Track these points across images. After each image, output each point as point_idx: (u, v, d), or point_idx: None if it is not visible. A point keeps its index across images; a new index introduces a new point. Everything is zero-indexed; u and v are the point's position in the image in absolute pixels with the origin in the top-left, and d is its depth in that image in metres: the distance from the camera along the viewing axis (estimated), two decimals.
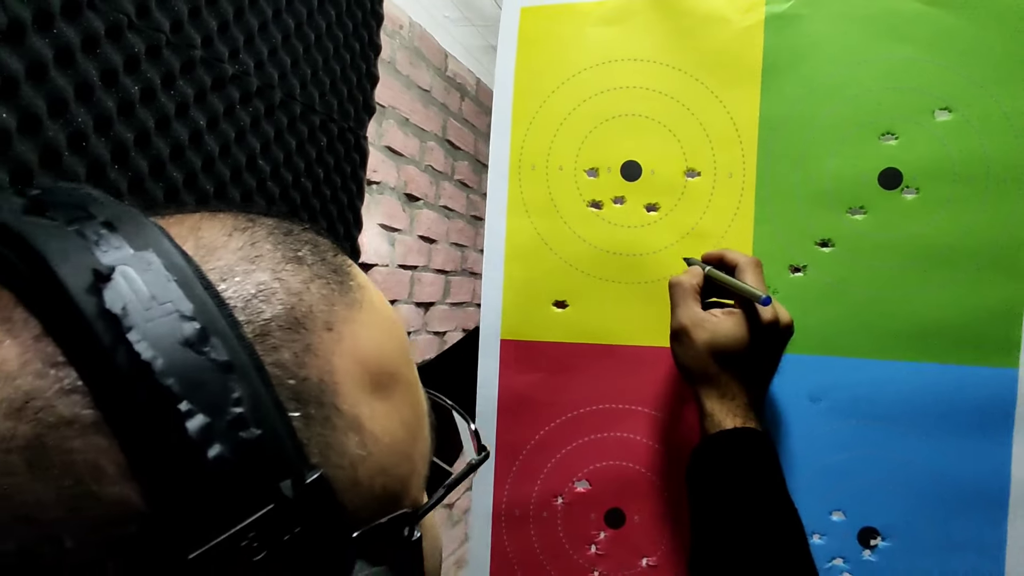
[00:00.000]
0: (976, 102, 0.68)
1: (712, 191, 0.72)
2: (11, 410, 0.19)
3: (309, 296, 0.25)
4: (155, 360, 0.20)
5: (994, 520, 0.67)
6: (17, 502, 0.19)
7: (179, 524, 0.20)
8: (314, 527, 0.22)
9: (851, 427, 0.69)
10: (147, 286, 0.21)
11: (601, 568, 0.71)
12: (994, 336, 0.67)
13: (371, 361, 0.26)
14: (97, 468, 0.20)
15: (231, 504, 0.20)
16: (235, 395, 0.21)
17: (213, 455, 0.20)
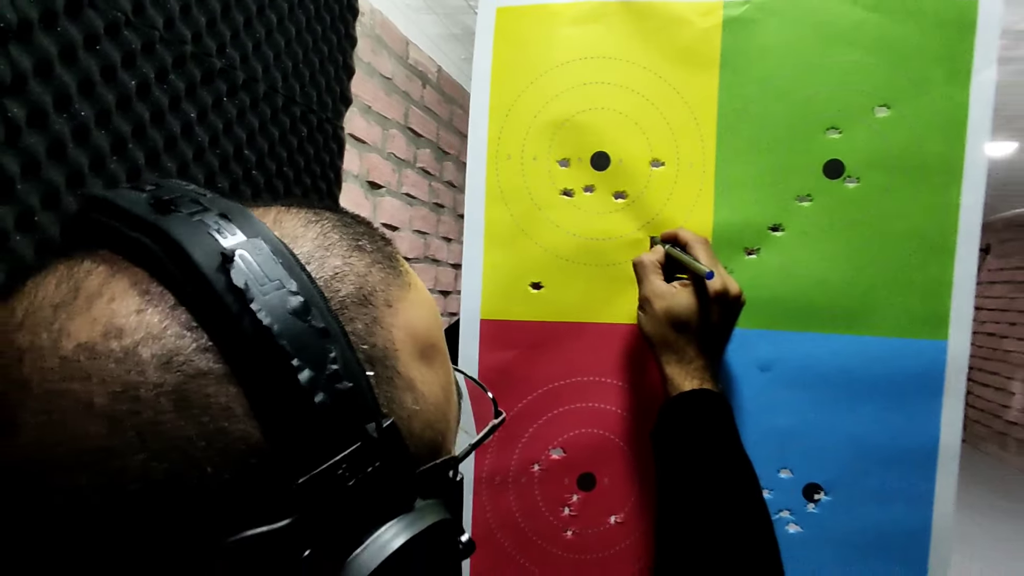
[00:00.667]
0: (912, 100, 0.75)
1: (675, 180, 0.79)
2: (160, 364, 0.24)
3: (372, 278, 0.30)
4: (272, 326, 0.24)
5: (924, 475, 0.75)
6: (168, 436, 0.23)
7: (290, 456, 0.25)
8: (388, 463, 0.26)
9: (797, 394, 0.76)
10: (260, 266, 0.25)
11: (574, 527, 0.78)
12: (926, 312, 0.75)
13: (419, 334, 0.31)
14: (228, 410, 0.24)
15: (330, 441, 0.25)
16: (331, 355, 0.25)
17: (318, 401, 0.24)
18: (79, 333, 0.24)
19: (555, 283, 0.80)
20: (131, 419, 0.23)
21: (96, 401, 0.23)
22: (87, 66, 0.65)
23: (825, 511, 0.76)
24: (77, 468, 0.23)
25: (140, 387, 0.24)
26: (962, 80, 0.74)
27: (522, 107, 0.81)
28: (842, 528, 0.76)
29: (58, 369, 0.24)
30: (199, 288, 0.25)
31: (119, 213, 0.27)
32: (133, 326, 0.24)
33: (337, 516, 0.25)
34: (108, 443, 0.23)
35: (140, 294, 0.25)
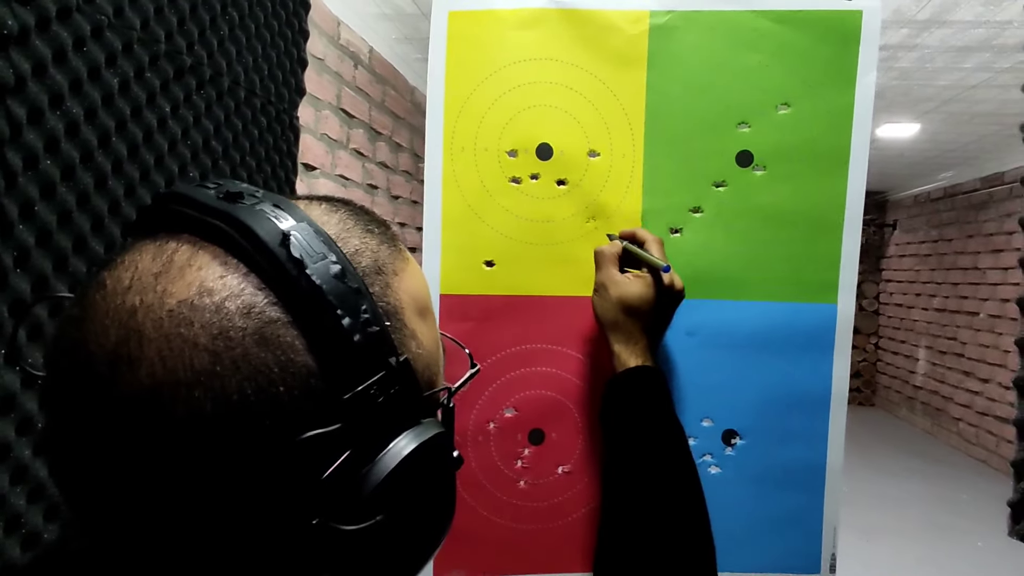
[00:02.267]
0: (807, 100, 0.88)
1: (609, 168, 0.89)
2: (242, 313, 0.32)
3: (382, 254, 0.39)
4: (323, 286, 0.33)
5: (819, 418, 0.89)
6: (254, 364, 0.32)
7: (338, 379, 0.33)
8: (404, 388, 0.35)
9: (717, 354, 0.89)
10: (308, 243, 0.34)
11: (526, 478, 0.88)
12: (819, 280, 0.88)
13: (417, 297, 0.41)
14: (293, 347, 0.32)
15: (365, 369, 0.33)
16: (363, 307, 0.34)
17: (356, 340, 0.33)
18: (179, 293, 0.32)
19: (506, 261, 0.90)
20: (227, 352, 0.31)
21: (200, 340, 0.31)
22: (76, 66, 0.71)
23: (741, 453, 0.89)
24: (194, 385, 0.31)
25: (230, 329, 0.32)
26: (848, 83, 0.86)
27: (474, 104, 0.90)
28: (755, 467, 0.89)
29: (166, 319, 0.32)
30: (267, 258, 0.33)
31: (195, 204, 0.35)
32: (219, 287, 0.32)
33: (369, 426, 0.34)
34: (213, 368, 0.31)
35: (221, 264, 0.33)
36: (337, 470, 0.32)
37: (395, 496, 0.34)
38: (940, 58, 3.61)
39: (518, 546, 0.88)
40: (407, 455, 0.34)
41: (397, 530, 0.35)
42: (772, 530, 0.88)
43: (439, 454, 0.37)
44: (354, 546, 0.34)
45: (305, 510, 0.32)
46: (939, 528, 4.05)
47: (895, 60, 3.68)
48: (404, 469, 0.34)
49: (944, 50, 3.49)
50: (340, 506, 0.33)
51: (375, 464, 0.34)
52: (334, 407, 0.32)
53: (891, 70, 3.83)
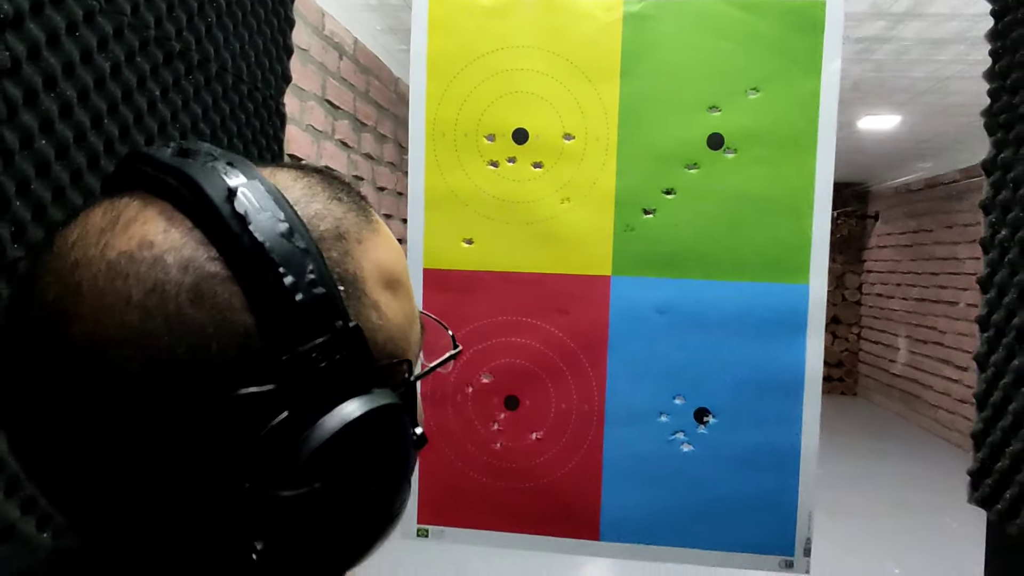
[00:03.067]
0: (776, 85, 0.91)
1: (584, 152, 0.93)
2: (180, 267, 0.31)
3: (347, 221, 0.37)
4: (265, 243, 0.32)
5: (793, 400, 0.93)
6: (186, 322, 0.31)
7: (276, 340, 0.31)
8: (352, 355, 0.33)
9: (689, 332, 0.92)
10: (256, 200, 0.33)
11: (501, 440, 0.92)
12: (790, 261, 0.92)
13: (385, 268, 0.38)
14: (231, 304, 0.31)
15: (306, 330, 0.32)
16: (309, 268, 0.32)
17: (298, 299, 0.32)
18: (119, 246, 0.32)
19: (484, 239, 0.93)
20: (159, 308, 0.31)
21: (133, 296, 0.31)
22: (69, 50, 0.73)
23: (713, 431, 0.93)
24: (124, 344, 0.30)
25: (166, 283, 0.31)
26: (814, 69, 0.90)
27: (454, 91, 0.93)
28: (727, 445, 0.93)
29: (103, 273, 0.31)
30: (210, 214, 0.32)
31: (151, 162, 0.35)
32: (160, 240, 0.32)
33: (310, 389, 0.32)
34: (143, 326, 0.30)
35: (166, 219, 0.33)
36: (272, 432, 0.31)
37: (336, 464, 0.33)
38: (916, 50, 3.67)
39: (493, 503, 0.92)
40: (351, 422, 0.33)
41: (340, 502, 0.34)
42: (745, 510, 0.92)
43: (391, 426, 0.35)
44: (290, 514, 0.32)
45: (238, 472, 0.31)
46: (910, 506, 4.13)
47: (871, 52, 3.73)
48: (347, 436, 0.33)
49: (920, 42, 3.55)
50: (275, 470, 0.31)
51: (314, 429, 0.32)
52: (271, 368, 0.31)
53: (867, 62, 3.89)
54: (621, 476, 0.90)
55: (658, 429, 0.92)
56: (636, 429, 0.91)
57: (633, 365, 0.92)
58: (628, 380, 0.92)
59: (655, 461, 0.90)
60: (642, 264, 0.92)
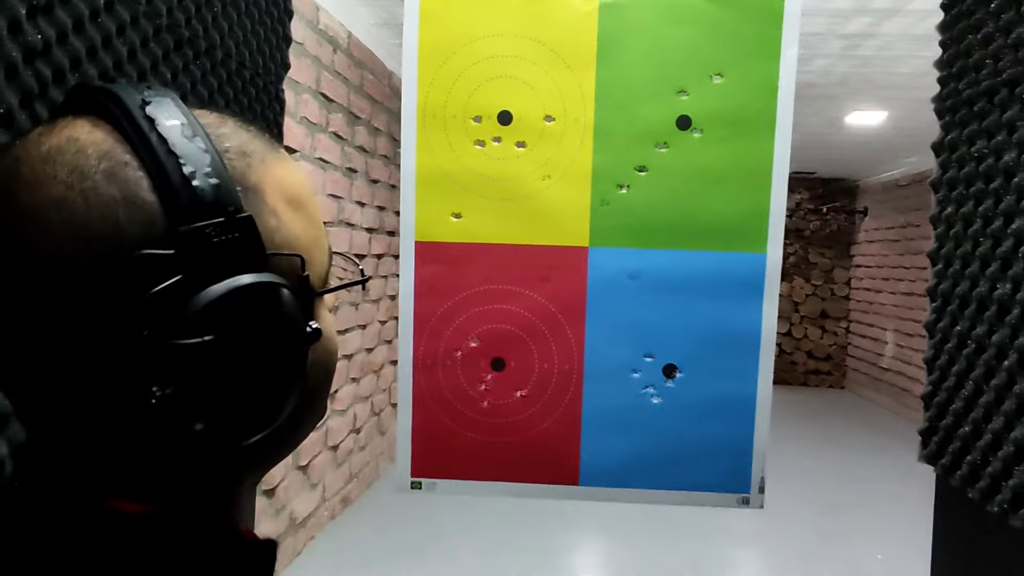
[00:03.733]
0: (738, 70, 0.99)
1: (563, 132, 1.01)
2: (98, 156, 0.37)
3: (252, 144, 0.43)
4: (169, 138, 0.38)
5: (750, 356, 1.01)
6: (101, 195, 0.36)
7: (176, 215, 0.37)
8: (245, 239, 0.38)
9: (658, 296, 1.01)
10: (166, 111, 0.39)
11: (489, 399, 1.00)
12: (750, 231, 1.00)
13: (287, 187, 0.44)
14: (139, 184, 0.37)
15: (203, 211, 0.37)
16: (207, 162, 0.38)
17: (195, 184, 0.37)
18: (51, 141, 0.38)
19: (471, 213, 1.01)
20: (79, 183, 0.37)
21: (59, 174, 0.37)
22: (92, 35, 0.81)
23: (680, 385, 1.01)
24: (48, 210, 0.36)
25: (85, 167, 0.37)
26: (773, 56, 0.98)
27: (443, 77, 1.01)
28: (692, 398, 1.01)
29: (37, 160, 0.38)
30: (127, 117, 0.38)
31: (87, 89, 0.41)
32: (84, 138, 0.38)
33: (203, 259, 0.37)
34: (65, 196, 0.36)
35: (92, 124, 0.39)
36: (168, 290, 0.36)
37: (224, 322, 0.38)
38: (901, 46, 3.76)
39: (482, 456, 1.00)
40: (238, 288, 0.38)
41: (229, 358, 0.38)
42: (708, 454, 1.01)
43: (275, 300, 0.40)
44: (183, 360, 0.37)
45: (138, 323, 0.36)
46: (900, 500, 4.22)
47: (857, 48, 3.82)
48: (234, 298, 0.38)
49: (904, 38, 3.64)
50: (170, 322, 0.36)
51: (206, 290, 0.37)
52: (170, 237, 0.37)
53: (854, 58, 3.98)
54: (598, 428, 0.99)
55: (631, 384, 1.00)
56: (611, 385, 0.99)
57: (608, 328, 1.00)
58: (604, 341, 1.00)
59: (628, 413, 0.99)
60: (617, 236, 1.00)
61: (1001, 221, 0.94)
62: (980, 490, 0.97)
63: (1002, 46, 0.95)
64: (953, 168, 1.05)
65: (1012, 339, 0.91)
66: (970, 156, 1.01)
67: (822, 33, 3.67)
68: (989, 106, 0.98)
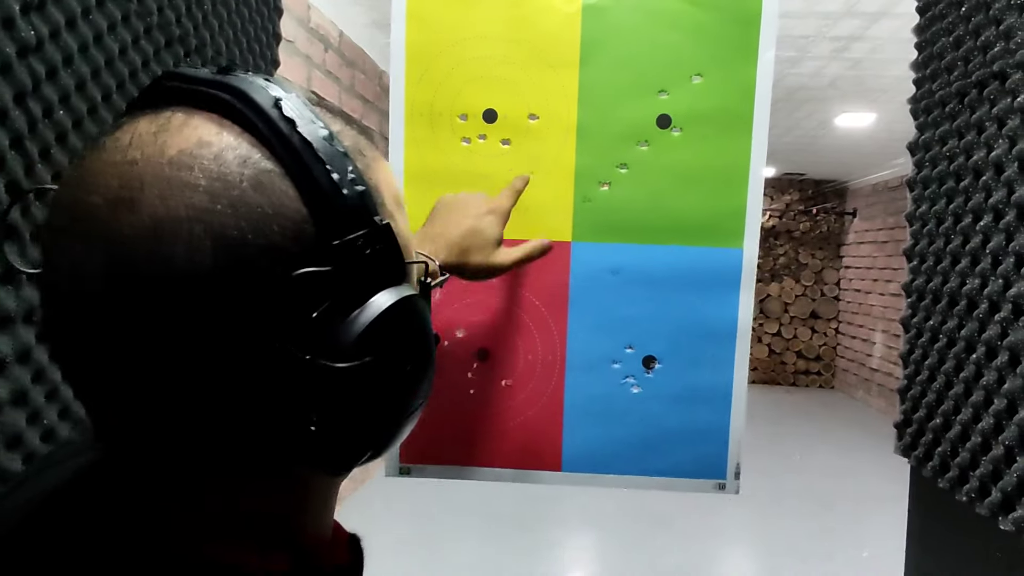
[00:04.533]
0: (716, 71, 1.02)
1: (547, 130, 1.03)
2: (239, 163, 0.34)
3: (361, 142, 0.41)
4: (313, 143, 0.35)
5: (727, 346, 1.04)
6: (250, 204, 0.33)
7: (328, 227, 0.35)
8: (387, 248, 0.37)
9: (638, 290, 1.03)
10: (299, 108, 0.36)
11: (475, 388, 1.03)
12: (726, 228, 1.03)
13: (393, 188, 0.43)
14: (286, 194, 0.34)
15: (352, 221, 0.35)
16: (350, 168, 0.36)
17: (346, 192, 0.35)
18: (178, 144, 0.34)
19: None
20: (225, 193, 0.33)
21: (200, 182, 0.33)
22: (84, 32, 0.83)
23: (658, 376, 1.04)
24: (194, 221, 0.32)
25: (228, 175, 0.33)
26: (751, 58, 1.01)
27: (430, 76, 1.03)
28: (670, 387, 1.03)
29: (167, 165, 0.33)
30: (261, 118, 0.35)
31: (190, 79, 0.37)
32: (216, 141, 0.34)
33: (356, 274, 0.36)
34: (212, 207, 0.33)
35: (217, 124, 0.35)
36: (328, 310, 0.34)
37: (380, 342, 0.36)
38: (890, 48, 3.80)
39: (468, 442, 1.02)
40: (393, 304, 0.36)
41: (384, 377, 0.37)
42: (686, 441, 1.03)
43: (420, 313, 0.39)
44: (343, 387, 0.35)
45: (298, 346, 0.34)
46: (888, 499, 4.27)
47: (847, 51, 3.86)
48: (389, 317, 0.36)
49: (894, 41, 3.68)
50: (330, 345, 0.34)
51: (363, 309, 0.35)
52: (324, 252, 0.35)
53: (844, 60, 4.02)
54: (579, 416, 1.02)
55: (612, 374, 1.03)
56: (593, 375, 1.02)
57: (590, 320, 1.03)
58: (586, 333, 1.03)
59: (609, 402, 1.02)
60: (599, 231, 1.02)
61: (970, 218, 0.97)
62: (950, 480, 1.00)
63: (972, 48, 0.97)
64: (927, 167, 1.08)
65: (980, 333, 0.93)
66: (942, 156, 1.04)
67: (812, 35, 3.71)
68: (960, 107, 1.01)
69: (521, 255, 0.93)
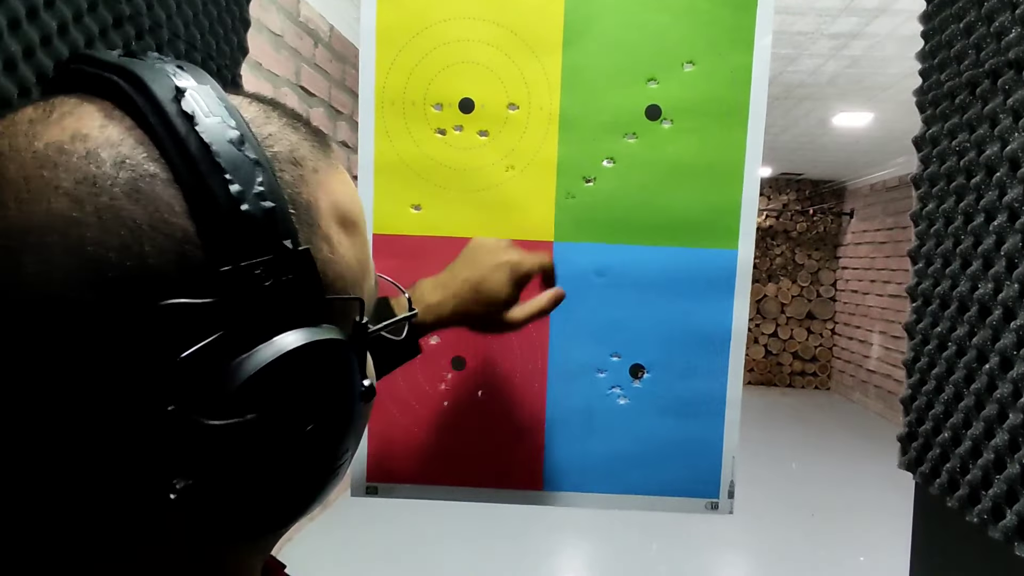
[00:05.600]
0: (710, 59, 0.95)
1: (528, 120, 0.96)
2: (115, 163, 0.29)
3: (302, 148, 0.35)
4: (212, 145, 0.29)
5: (720, 354, 0.96)
6: (120, 216, 0.28)
7: (217, 250, 0.29)
8: (300, 280, 0.31)
9: (625, 293, 0.96)
10: (206, 104, 0.31)
11: (448, 399, 0.95)
12: (720, 227, 0.96)
13: (341, 205, 0.36)
14: (169, 206, 0.29)
15: (250, 244, 0.29)
16: (259, 180, 0.30)
17: (243, 210, 0.29)
18: (49, 136, 0.30)
19: (431, 205, 0.96)
20: (91, 200, 0.28)
21: (63, 184, 0.28)
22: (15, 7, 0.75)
23: (647, 385, 0.96)
24: (48, 231, 0.28)
25: (98, 178, 0.28)
26: (747, 44, 0.94)
27: (402, 61, 0.96)
28: (660, 398, 0.96)
29: (29, 161, 0.29)
30: (155, 111, 0.30)
31: (95, 62, 0.32)
32: (96, 135, 0.30)
33: (250, 310, 0.30)
34: (70, 214, 0.28)
35: (105, 115, 0.30)
36: (204, 351, 0.28)
37: (273, 396, 0.30)
38: (889, 46, 3.73)
39: (441, 459, 0.95)
40: (293, 350, 0.30)
41: (274, 441, 0.31)
42: (676, 456, 0.96)
43: (337, 364, 0.32)
44: (217, 446, 0.29)
45: (160, 393, 0.28)
46: (886, 507, 4.21)
47: (846, 48, 3.79)
48: (287, 366, 0.30)
49: (892, 38, 3.62)
50: (203, 395, 0.29)
51: (252, 354, 0.29)
52: (209, 280, 0.29)
53: (842, 58, 3.95)
54: (562, 430, 0.94)
55: (596, 384, 0.95)
56: (576, 385, 0.95)
57: (573, 326, 0.95)
58: (569, 340, 0.95)
59: (593, 415, 0.94)
60: (583, 230, 0.95)
61: (982, 218, 0.89)
62: (959, 499, 0.92)
63: (984, 35, 0.90)
64: (934, 163, 1.01)
65: (993, 341, 0.86)
66: (951, 150, 0.97)
67: (810, 32, 3.65)
68: (971, 98, 0.93)
69: (532, 311, 0.86)
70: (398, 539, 3.44)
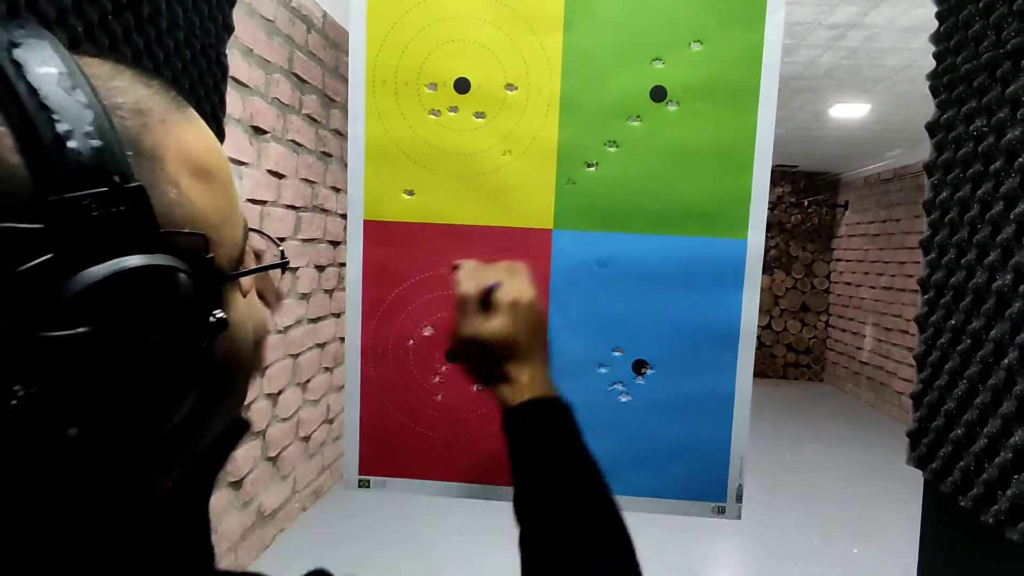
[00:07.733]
0: (719, 37, 0.90)
1: (526, 102, 0.91)
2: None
3: (151, 101, 0.38)
4: (40, 89, 0.33)
5: (728, 350, 0.92)
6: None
7: (46, 183, 0.32)
8: (133, 213, 0.34)
9: (628, 285, 0.91)
10: (40, 55, 0.34)
11: (443, 392, 0.91)
12: (729, 216, 0.91)
13: (193, 155, 0.39)
14: (2, 143, 0.32)
15: (78, 178, 0.32)
16: (88, 120, 0.33)
17: (71, 146, 0.32)
18: None
19: (424, 190, 0.91)
20: None
21: None
22: None
23: (650, 382, 0.92)
24: None
25: None
26: (758, 21, 0.89)
27: (394, 38, 0.91)
28: (664, 395, 0.92)
29: None
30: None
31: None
32: None
33: (80, 236, 0.33)
34: None
35: None
36: (36, 271, 0.32)
37: (104, 312, 0.33)
38: (887, 37, 3.69)
39: (434, 453, 0.91)
40: (122, 271, 0.33)
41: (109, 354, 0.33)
42: (681, 458, 0.92)
43: (170, 286, 0.35)
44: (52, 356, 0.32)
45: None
46: (876, 493, 4.20)
47: (844, 39, 3.75)
48: (117, 284, 0.33)
49: (891, 29, 3.58)
50: (37, 309, 0.32)
51: (83, 274, 0.32)
52: (38, 209, 0.32)
53: (840, 49, 3.91)
54: None
55: (597, 380, 0.91)
56: (575, 381, 0.90)
57: (573, 318, 0.91)
58: (568, 333, 0.91)
59: (593, 412, 0.90)
60: (584, 218, 0.91)
61: (1002, 205, 0.86)
62: (973, 498, 0.89)
63: (1005, 14, 0.86)
64: (949, 149, 0.97)
65: (1012, 335, 0.83)
66: (968, 136, 0.93)
67: (808, 22, 3.60)
68: (990, 81, 0.89)
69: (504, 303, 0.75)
70: (393, 530, 3.40)
